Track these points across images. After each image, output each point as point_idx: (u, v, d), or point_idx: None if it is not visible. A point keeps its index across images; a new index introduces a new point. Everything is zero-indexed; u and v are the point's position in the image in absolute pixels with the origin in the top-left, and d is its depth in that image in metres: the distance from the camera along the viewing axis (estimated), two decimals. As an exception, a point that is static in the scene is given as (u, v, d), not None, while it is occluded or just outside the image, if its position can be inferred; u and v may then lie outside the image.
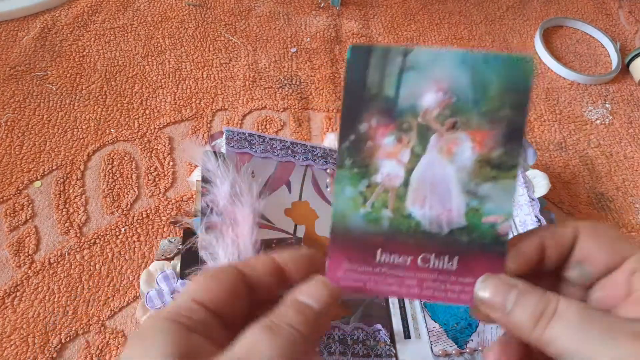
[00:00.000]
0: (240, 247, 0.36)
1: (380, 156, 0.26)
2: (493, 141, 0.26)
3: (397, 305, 0.41)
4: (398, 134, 0.26)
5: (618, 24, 0.76)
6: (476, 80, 0.26)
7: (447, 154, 0.26)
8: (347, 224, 0.27)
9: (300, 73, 0.64)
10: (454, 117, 0.26)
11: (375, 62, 0.26)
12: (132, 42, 0.64)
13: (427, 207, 0.26)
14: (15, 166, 0.51)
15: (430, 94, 0.26)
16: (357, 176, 0.26)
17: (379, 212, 0.26)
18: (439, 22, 0.73)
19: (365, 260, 0.26)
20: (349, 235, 0.27)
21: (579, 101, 0.65)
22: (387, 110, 0.26)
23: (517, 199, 0.45)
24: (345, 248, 0.27)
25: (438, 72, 0.25)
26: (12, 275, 0.45)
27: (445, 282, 0.26)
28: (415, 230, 0.26)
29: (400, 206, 0.26)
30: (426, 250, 0.26)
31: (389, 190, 0.26)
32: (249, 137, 0.45)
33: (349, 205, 0.27)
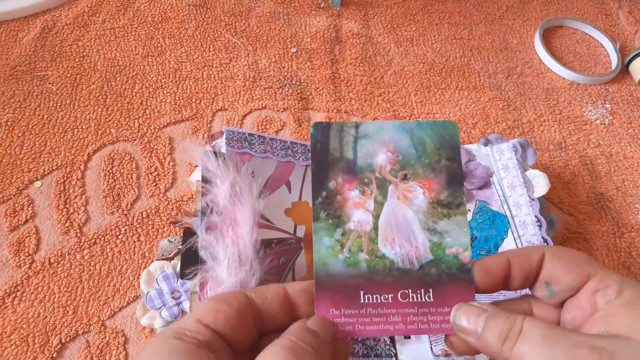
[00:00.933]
0: (240, 247, 0.36)
1: (350, 207, 0.30)
2: (439, 186, 0.31)
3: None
4: (361, 187, 0.31)
5: (618, 24, 0.77)
6: (415, 141, 0.32)
7: (405, 199, 0.31)
8: (329, 270, 0.29)
9: (300, 73, 0.64)
10: (403, 170, 0.31)
11: (334, 134, 0.32)
12: (133, 43, 0.64)
13: (397, 246, 0.30)
14: (16, 166, 0.51)
15: (381, 155, 0.31)
16: (332, 226, 0.30)
17: (356, 256, 0.30)
18: (438, 22, 0.73)
19: (350, 303, 0.29)
20: (332, 281, 0.29)
21: (579, 101, 0.65)
22: (349, 170, 0.31)
23: (517, 199, 0.46)
24: (330, 294, 0.29)
25: (385, 138, 0.32)
26: (12, 275, 0.45)
27: (426, 314, 0.28)
28: (390, 269, 0.29)
29: (373, 248, 0.30)
30: (403, 286, 0.29)
31: (362, 235, 0.30)
32: (249, 137, 0.45)
33: (328, 253, 0.30)
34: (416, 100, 0.63)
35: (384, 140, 0.32)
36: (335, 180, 0.31)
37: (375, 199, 0.31)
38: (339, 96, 0.62)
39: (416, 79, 0.65)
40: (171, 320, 0.40)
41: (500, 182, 0.47)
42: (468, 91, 0.65)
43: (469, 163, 0.48)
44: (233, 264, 0.35)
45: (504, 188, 0.47)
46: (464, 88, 0.65)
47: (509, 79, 0.67)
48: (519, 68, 0.68)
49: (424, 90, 0.64)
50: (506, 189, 0.47)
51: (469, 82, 0.66)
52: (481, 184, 0.47)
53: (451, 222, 0.31)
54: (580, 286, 0.26)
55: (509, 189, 0.46)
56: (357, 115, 0.60)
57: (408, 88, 0.64)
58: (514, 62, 0.69)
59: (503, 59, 0.69)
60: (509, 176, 0.47)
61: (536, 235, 0.43)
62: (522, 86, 0.66)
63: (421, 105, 0.62)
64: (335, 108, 0.60)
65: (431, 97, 0.63)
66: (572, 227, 0.53)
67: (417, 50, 0.69)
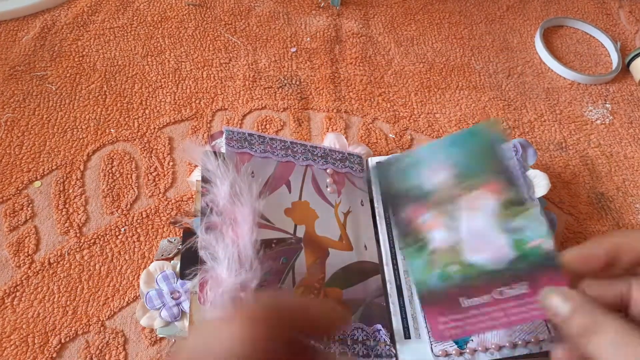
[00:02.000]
0: (240, 247, 0.36)
1: (427, 229, 0.33)
2: (503, 186, 0.32)
3: (398, 305, 0.41)
4: (433, 209, 0.33)
5: (618, 23, 0.76)
6: (465, 151, 0.33)
7: (475, 209, 0.32)
8: (429, 287, 0.32)
9: (300, 73, 0.64)
10: (467, 181, 0.32)
11: (394, 169, 0.35)
12: (132, 42, 0.64)
13: (483, 252, 0.32)
14: (15, 166, 0.51)
15: (439, 174, 0.33)
16: (419, 250, 0.33)
17: (447, 269, 0.32)
18: (439, 21, 0.73)
19: (453, 309, 0.31)
20: (433, 295, 0.32)
21: (579, 101, 0.65)
22: (416, 197, 0.33)
23: None
24: (435, 306, 0.32)
25: (438, 158, 0.33)
26: (12, 275, 0.45)
27: (525, 304, 0.30)
28: (481, 273, 0.31)
29: (462, 259, 0.32)
30: (497, 285, 0.31)
31: (447, 252, 0.32)
32: (249, 137, 0.45)
33: (423, 273, 0.32)
34: (416, 100, 0.63)
35: (439, 161, 0.33)
36: (405, 211, 0.34)
37: (449, 216, 0.33)
38: (339, 96, 0.62)
39: (416, 79, 0.65)
40: (171, 320, 0.40)
41: None
42: (468, 91, 0.65)
43: None
44: (233, 264, 0.35)
45: None
46: (464, 88, 0.65)
47: (510, 78, 0.67)
48: (519, 68, 0.68)
49: (424, 90, 0.64)
50: None
51: (469, 81, 0.66)
52: None
53: (525, 217, 0.31)
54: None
55: None
56: (357, 115, 0.60)
57: (408, 88, 0.64)
58: (514, 62, 0.69)
59: (503, 58, 0.69)
60: None
61: None
62: (522, 86, 0.66)
63: (421, 105, 0.62)
64: (335, 108, 0.60)
65: (431, 97, 0.63)
66: (572, 226, 0.53)
67: (417, 50, 0.69)
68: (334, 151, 0.49)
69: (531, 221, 0.31)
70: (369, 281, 0.42)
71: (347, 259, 0.43)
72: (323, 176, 0.47)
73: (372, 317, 0.40)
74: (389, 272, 0.43)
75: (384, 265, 0.43)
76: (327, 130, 0.58)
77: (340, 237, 0.44)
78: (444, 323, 0.32)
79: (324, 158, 0.48)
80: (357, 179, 0.48)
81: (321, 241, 0.43)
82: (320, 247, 0.42)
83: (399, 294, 0.42)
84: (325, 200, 0.45)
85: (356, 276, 0.42)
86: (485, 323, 0.31)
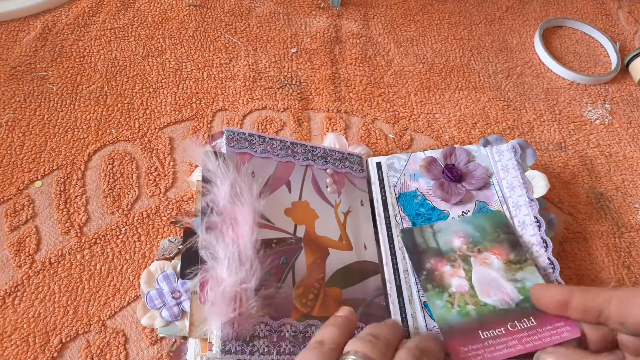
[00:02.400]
0: (240, 247, 0.36)
1: (447, 277, 0.42)
2: (506, 251, 0.43)
3: (397, 305, 0.41)
4: (451, 264, 0.42)
5: (617, 24, 0.77)
6: (476, 227, 0.45)
7: (485, 265, 0.42)
8: (449, 323, 0.39)
9: (300, 73, 0.64)
10: (477, 246, 0.43)
11: (418, 233, 0.45)
12: (133, 43, 0.64)
13: (493, 296, 0.40)
14: (16, 166, 0.51)
15: (456, 240, 0.44)
16: (439, 293, 0.41)
17: (465, 308, 0.39)
18: (438, 22, 0.73)
19: (473, 340, 0.37)
20: (454, 329, 0.38)
21: (579, 101, 0.65)
22: (438, 253, 0.43)
23: (516, 200, 0.46)
24: (455, 338, 0.37)
25: (454, 229, 0.45)
26: (13, 275, 0.45)
27: (535, 333, 0.37)
28: (493, 311, 0.39)
29: (476, 301, 0.40)
30: (509, 320, 0.38)
31: (464, 294, 0.40)
32: (249, 137, 0.45)
33: (443, 311, 0.39)
34: (416, 100, 0.63)
35: (455, 231, 0.44)
36: (429, 262, 0.43)
37: (464, 269, 0.42)
38: (339, 96, 0.62)
39: (416, 79, 0.65)
40: (171, 320, 0.40)
41: (500, 183, 0.47)
42: (468, 91, 0.65)
43: (468, 164, 0.48)
44: (233, 263, 0.35)
45: (504, 189, 0.47)
46: (463, 88, 0.65)
47: (509, 79, 0.67)
48: (518, 68, 0.69)
49: (423, 90, 0.64)
50: (505, 190, 0.47)
51: (469, 82, 0.66)
52: (481, 184, 0.47)
53: (525, 272, 0.41)
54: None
55: (508, 190, 0.47)
56: (357, 116, 0.60)
57: (408, 88, 0.64)
58: (513, 62, 0.69)
59: (503, 59, 0.69)
60: (509, 177, 0.47)
61: (535, 235, 0.43)
62: (521, 86, 0.66)
63: (421, 106, 0.62)
64: (335, 108, 0.60)
65: (431, 97, 0.63)
66: (571, 226, 0.53)
67: (417, 50, 0.69)
68: (334, 151, 0.49)
69: (529, 274, 0.41)
70: (369, 281, 0.42)
71: (347, 259, 0.43)
72: (323, 176, 0.47)
73: (372, 316, 0.40)
74: (389, 272, 0.43)
75: (383, 265, 0.44)
76: (327, 131, 0.58)
77: (340, 237, 0.44)
78: (465, 352, 0.36)
79: (324, 158, 0.48)
80: (357, 179, 0.49)
81: (321, 241, 0.43)
82: (320, 247, 0.42)
83: (398, 294, 0.42)
84: (325, 200, 0.45)
85: (356, 276, 0.42)
86: (502, 351, 0.36)
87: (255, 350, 0.35)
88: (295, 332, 0.37)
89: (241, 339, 0.35)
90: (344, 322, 0.35)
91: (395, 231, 0.45)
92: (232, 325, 0.35)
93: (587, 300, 0.33)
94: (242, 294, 0.35)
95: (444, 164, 0.49)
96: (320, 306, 0.39)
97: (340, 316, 0.35)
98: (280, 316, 0.37)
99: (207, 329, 0.36)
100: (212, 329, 0.35)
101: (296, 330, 0.37)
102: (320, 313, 0.39)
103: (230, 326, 0.35)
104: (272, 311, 0.37)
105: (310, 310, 0.38)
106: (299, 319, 0.38)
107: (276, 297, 0.38)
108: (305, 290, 0.39)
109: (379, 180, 0.49)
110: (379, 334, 0.33)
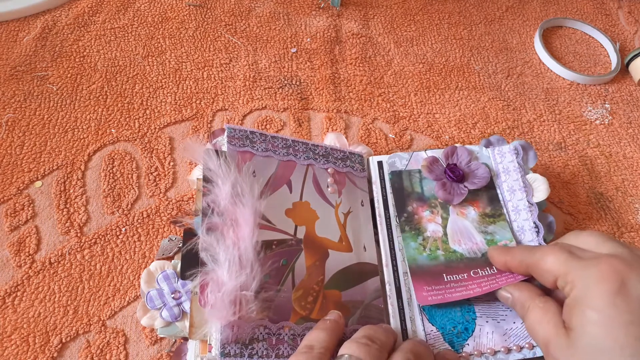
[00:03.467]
0: (241, 249, 0.36)
1: (424, 222, 0.45)
2: (484, 204, 0.46)
3: (396, 307, 0.41)
4: (430, 210, 0.46)
5: (617, 24, 0.77)
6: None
7: (462, 215, 0.45)
8: (417, 263, 0.43)
9: (300, 73, 0.64)
10: None
11: (406, 177, 0.48)
12: (133, 43, 0.64)
13: (463, 244, 0.43)
14: (16, 166, 0.51)
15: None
16: (414, 235, 0.44)
17: (435, 252, 0.43)
18: (438, 22, 0.73)
19: (437, 281, 0.41)
20: (421, 270, 0.42)
21: (579, 101, 0.65)
22: (420, 198, 0.46)
23: (516, 204, 0.46)
24: (423, 278, 0.41)
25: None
26: (13, 275, 0.45)
27: (494, 279, 0.40)
28: (461, 259, 0.43)
29: (446, 247, 0.43)
30: (473, 268, 0.41)
31: (436, 239, 0.44)
32: (251, 135, 0.45)
33: (415, 252, 0.43)
34: (416, 100, 0.63)
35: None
36: (412, 206, 0.46)
37: (441, 216, 0.45)
38: (339, 96, 0.62)
39: (416, 79, 0.65)
40: (171, 320, 0.40)
41: (501, 185, 0.47)
42: (468, 91, 0.65)
43: (470, 163, 0.48)
44: (234, 266, 0.35)
45: (504, 192, 0.47)
46: (463, 88, 0.65)
47: (509, 79, 0.67)
48: (518, 68, 0.69)
49: (423, 90, 0.64)
50: (506, 193, 0.47)
51: (469, 82, 0.66)
52: (483, 183, 0.47)
53: (497, 226, 0.44)
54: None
55: (508, 193, 0.47)
56: (357, 115, 0.60)
57: (408, 88, 0.64)
58: (513, 62, 0.69)
59: (503, 59, 0.69)
60: (509, 180, 0.47)
61: (533, 241, 0.43)
62: (521, 86, 0.66)
63: (421, 105, 0.62)
64: (335, 108, 0.60)
65: (431, 97, 0.63)
66: (571, 227, 0.53)
67: (417, 50, 0.69)
68: (335, 150, 0.49)
69: (500, 229, 0.44)
70: (368, 283, 0.42)
71: (346, 261, 0.43)
72: (324, 176, 0.47)
73: (370, 318, 0.40)
74: (389, 274, 0.43)
75: (383, 266, 0.44)
76: (327, 131, 0.58)
77: (340, 238, 0.44)
78: (427, 291, 0.40)
79: (325, 157, 0.48)
80: (358, 178, 0.48)
81: (321, 242, 0.43)
82: (320, 249, 0.42)
83: (397, 296, 0.42)
84: (326, 201, 0.45)
85: (355, 278, 0.42)
86: (461, 292, 0.39)
87: (254, 353, 0.35)
88: (294, 335, 0.37)
89: (240, 341, 0.35)
90: (332, 325, 0.35)
91: (395, 232, 0.45)
92: (231, 328, 0.35)
93: (524, 258, 0.37)
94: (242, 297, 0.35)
95: (445, 164, 0.48)
96: (320, 309, 0.39)
97: (329, 319, 0.36)
98: (279, 319, 0.37)
99: (207, 331, 0.36)
100: (211, 332, 0.35)
101: (295, 333, 0.37)
102: (319, 316, 0.39)
103: (230, 329, 0.35)
104: (271, 314, 0.37)
105: (309, 313, 0.38)
106: (297, 322, 0.38)
107: (276, 300, 0.37)
108: (305, 292, 0.39)
109: (380, 180, 0.48)
110: (374, 336, 0.33)
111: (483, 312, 0.40)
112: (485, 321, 0.40)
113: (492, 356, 0.38)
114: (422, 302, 0.40)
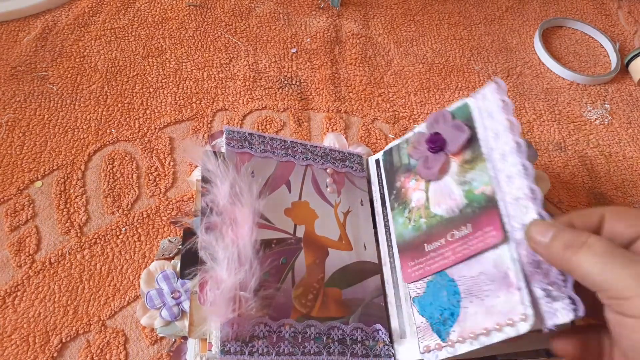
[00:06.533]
0: (239, 248, 0.36)
1: (410, 192, 0.43)
2: (464, 151, 0.40)
3: (395, 306, 0.41)
4: (415, 177, 0.43)
5: (617, 24, 0.77)
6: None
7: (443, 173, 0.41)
8: (404, 239, 0.42)
9: (300, 73, 0.64)
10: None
11: (395, 152, 0.46)
12: (133, 43, 0.64)
13: (443, 204, 0.40)
14: (16, 166, 0.52)
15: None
16: (401, 210, 0.43)
17: (418, 221, 0.41)
18: (438, 22, 0.73)
19: (419, 254, 0.40)
20: (408, 245, 0.41)
21: (578, 101, 0.65)
22: (407, 169, 0.44)
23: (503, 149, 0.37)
24: (408, 254, 0.41)
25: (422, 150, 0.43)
26: (13, 275, 0.45)
27: (467, 242, 0.37)
28: (440, 221, 0.40)
29: (428, 213, 0.41)
30: (450, 229, 0.38)
31: (420, 208, 0.42)
32: (249, 137, 0.45)
33: (402, 227, 0.42)
34: (416, 100, 0.63)
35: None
36: (400, 180, 0.45)
37: (425, 181, 0.42)
38: (339, 96, 0.62)
39: (416, 79, 0.65)
40: (171, 320, 0.40)
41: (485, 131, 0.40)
42: (468, 91, 0.65)
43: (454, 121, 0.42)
44: (232, 264, 0.35)
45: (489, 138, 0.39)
46: (463, 88, 0.65)
47: (509, 79, 0.67)
48: (518, 68, 0.69)
49: (423, 90, 0.64)
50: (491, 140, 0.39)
51: (469, 82, 0.66)
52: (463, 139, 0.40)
53: (475, 170, 0.39)
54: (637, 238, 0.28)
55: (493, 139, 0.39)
56: (357, 116, 0.60)
57: (408, 88, 0.64)
58: (513, 63, 0.69)
59: (503, 59, 0.69)
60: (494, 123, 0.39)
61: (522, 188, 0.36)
62: (521, 86, 0.66)
63: (421, 106, 0.62)
64: (335, 108, 0.61)
65: (431, 97, 0.64)
66: (571, 227, 0.53)
67: (416, 50, 0.69)
68: (334, 150, 0.49)
69: (478, 172, 0.38)
70: (368, 281, 0.42)
71: (346, 259, 0.43)
72: (323, 176, 0.47)
73: (371, 316, 0.40)
74: (387, 272, 0.43)
75: (382, 264, 0.44)
76: (327, 131, 0.58)
77: (339, 237, 0.44)
78: (411, 267, 0.39)
79: (324, 157, 0.48)
80: (357, 178, 0.49)
81: (321, 241, 0.43)
82: (320, 247, 0.42)
83: (396, 295, 0.42)
84: (325, 200, 0.45)
85: (355, 276, 0.42)
86: (438, 263, 0.38)
87: (254, 350, 0.35)
88: (294, 333, 0.37)
89: (240, 339, 0.35)
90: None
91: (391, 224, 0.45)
92: (231, 326, 0.35)
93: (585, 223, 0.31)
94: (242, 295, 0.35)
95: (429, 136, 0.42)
96: (320, 306, 0.39)
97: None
98: (279, 317, 0.37)
99: (206, 329, 0.36)
100: (211, 330, 0.35)
101: (295, 331, 0.37)
102: (320, 313, 0.39)
103: (230, 327, 0.35)
104: (271, 312, 0.37)
105: (309, 311, 0.39)
106: (298, 320, 0.38)
107: (276, 298, 0.38)
108: (305, 290, 0.39)
109: (378, 178, 0.48)
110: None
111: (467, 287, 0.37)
112: (470, 301, 0.36)
113: (475, 340, 0.35)
114: (406, 280, 0.40)
